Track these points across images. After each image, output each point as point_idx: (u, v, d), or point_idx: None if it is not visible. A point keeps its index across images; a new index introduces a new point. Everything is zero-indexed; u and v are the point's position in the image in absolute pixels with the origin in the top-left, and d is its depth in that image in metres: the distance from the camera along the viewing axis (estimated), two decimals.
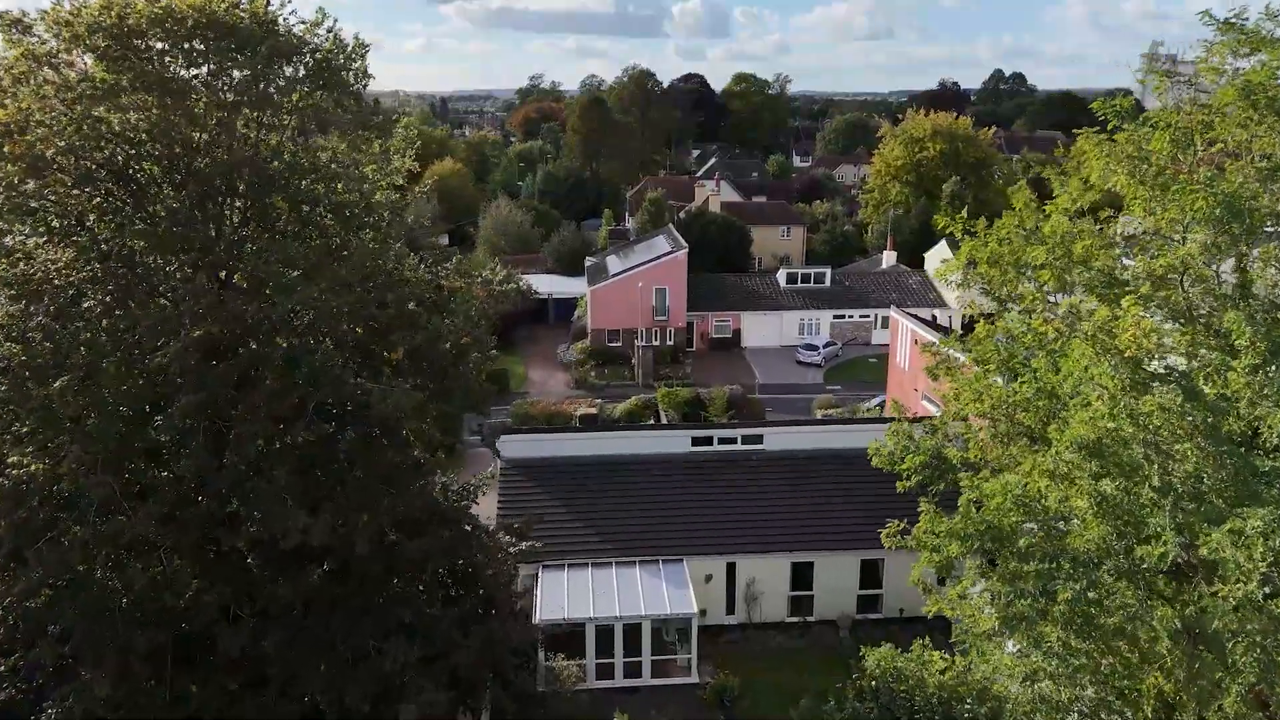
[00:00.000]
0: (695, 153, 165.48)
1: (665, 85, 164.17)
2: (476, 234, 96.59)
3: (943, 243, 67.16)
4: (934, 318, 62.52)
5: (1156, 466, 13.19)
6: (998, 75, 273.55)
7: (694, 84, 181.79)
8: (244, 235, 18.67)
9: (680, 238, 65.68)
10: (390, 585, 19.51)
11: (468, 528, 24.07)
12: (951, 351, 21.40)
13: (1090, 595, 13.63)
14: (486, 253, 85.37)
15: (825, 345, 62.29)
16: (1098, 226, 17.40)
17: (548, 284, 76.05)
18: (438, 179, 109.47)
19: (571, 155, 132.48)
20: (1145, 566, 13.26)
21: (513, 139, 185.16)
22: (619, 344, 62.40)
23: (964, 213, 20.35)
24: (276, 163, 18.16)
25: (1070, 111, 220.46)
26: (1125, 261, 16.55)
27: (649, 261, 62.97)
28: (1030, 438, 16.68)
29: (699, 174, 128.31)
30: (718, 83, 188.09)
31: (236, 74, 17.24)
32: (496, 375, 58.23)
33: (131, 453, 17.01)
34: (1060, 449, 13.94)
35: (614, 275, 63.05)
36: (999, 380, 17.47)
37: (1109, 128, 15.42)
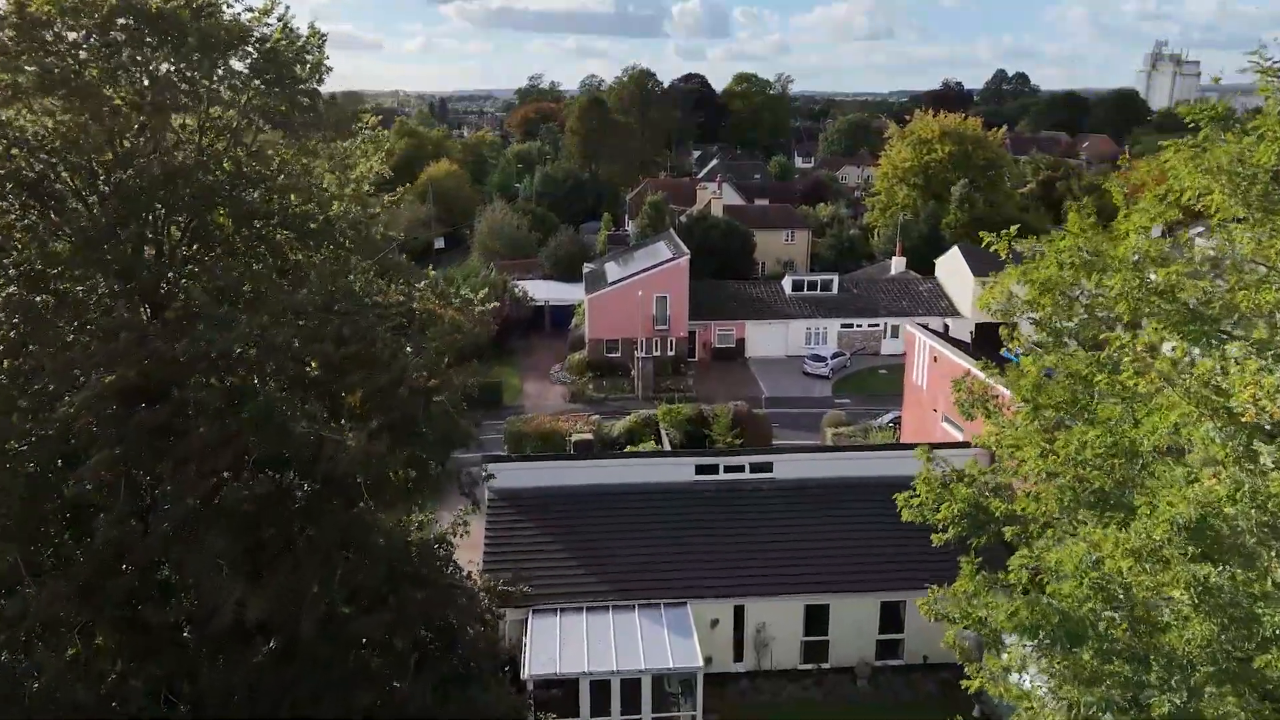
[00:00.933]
0: (696, 153, 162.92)
1: (665, 85, 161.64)
2: (472, 238, 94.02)
3: (955, 249, 64.65)
4: (946, 328, 60.00)
5: (1276, 555, 10.72)
6: (1000, 75, 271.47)
7: (694, 84, 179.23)
8: (184, 257, 16.14)
9: (681, 243, 63.13)
10: (350, 660, 16.93)
11: (447, 569, 21.69)
12: (997, 385, 18.90)
13: (1192, 708, 11.15)
14: (481, 257, 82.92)
15: (833, 356, 59.69)
16: (1171, 247, 14.90)
17: (544, 290, 73.51)
18: (432, 181, 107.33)
19: (570, 157, 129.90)
20: (1267, 677, 10.76)
21: (511, 139, 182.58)
22: (618, 354, 59.84)
23: (1013, 230, 17.89)
24: (218, 171, 15.64)
25: (1072, 112, 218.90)
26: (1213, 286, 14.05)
27: (649, 269, 60.41)
28: (1099, 499, 14.14)
29: (700, 175, 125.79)
30: (718, 83, 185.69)
31: (164, 68, 14.68)
32: (491, 388, 55.78)
33: (40, 516, 14.46)
34: (1153, 527, 11.43)
35: (613, 283, 60.50)
36: (1073, 427, 14.90)
37: (1200, 136, 12.88)
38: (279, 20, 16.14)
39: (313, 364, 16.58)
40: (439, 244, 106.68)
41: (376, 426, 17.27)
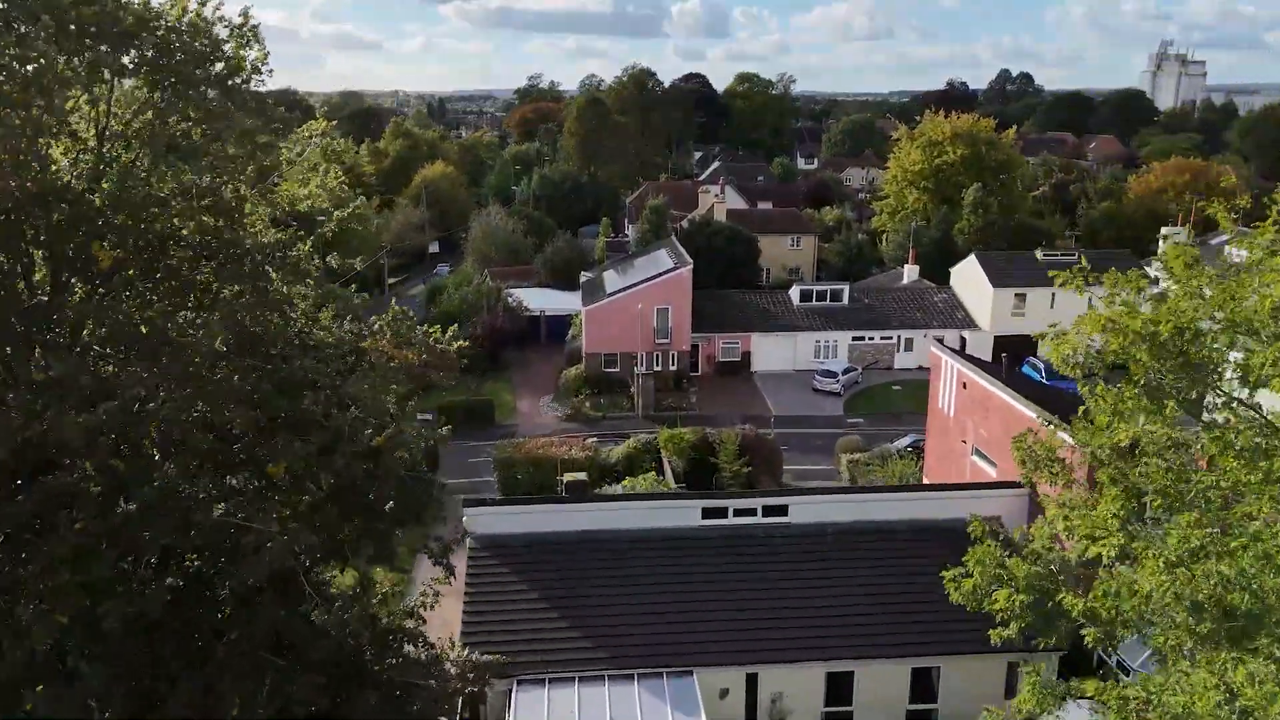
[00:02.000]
0: (697, 154, 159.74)
1: (665, 85, 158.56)
2: (467, 243, 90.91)
3: (972, 257, 61.47)
4: (963, 341, 56.91)
5: None
6: (1004, 75, 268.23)
7: (695, 84, 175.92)
8: (65, 300, 13.00)
9: (683, 252, 59.89)
10: None
11: (410, 646, 18.60)
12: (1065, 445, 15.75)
13: None
14: (475, 264, 79.84)
15: (844, 371, 56.36)
16: None
17: (540, 299, 70.24)
18: (427, 183, 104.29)
19: (569, 158, 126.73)
20: None
21: (510, 140, 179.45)
22: (617, 369, 56.64)
23: (1083, 259, 14.80)
24: (102, 192, 12.52)
25: (1076, 112, 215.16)
26: None
27: (650, 279, 57.15)
28: (1231, 622, 10.97)
29: (701, 177, 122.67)
30: (718, 83, 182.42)
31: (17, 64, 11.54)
32: (482, 406, 52.62)
33: None
34: None
35: (611, 294, 57.29)
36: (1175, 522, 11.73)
37: None
38: (179, 8, 13.00)
39: (235, 429, 13.42)
40: (433, 248, 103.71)
41: (319, 499, 14.17)
